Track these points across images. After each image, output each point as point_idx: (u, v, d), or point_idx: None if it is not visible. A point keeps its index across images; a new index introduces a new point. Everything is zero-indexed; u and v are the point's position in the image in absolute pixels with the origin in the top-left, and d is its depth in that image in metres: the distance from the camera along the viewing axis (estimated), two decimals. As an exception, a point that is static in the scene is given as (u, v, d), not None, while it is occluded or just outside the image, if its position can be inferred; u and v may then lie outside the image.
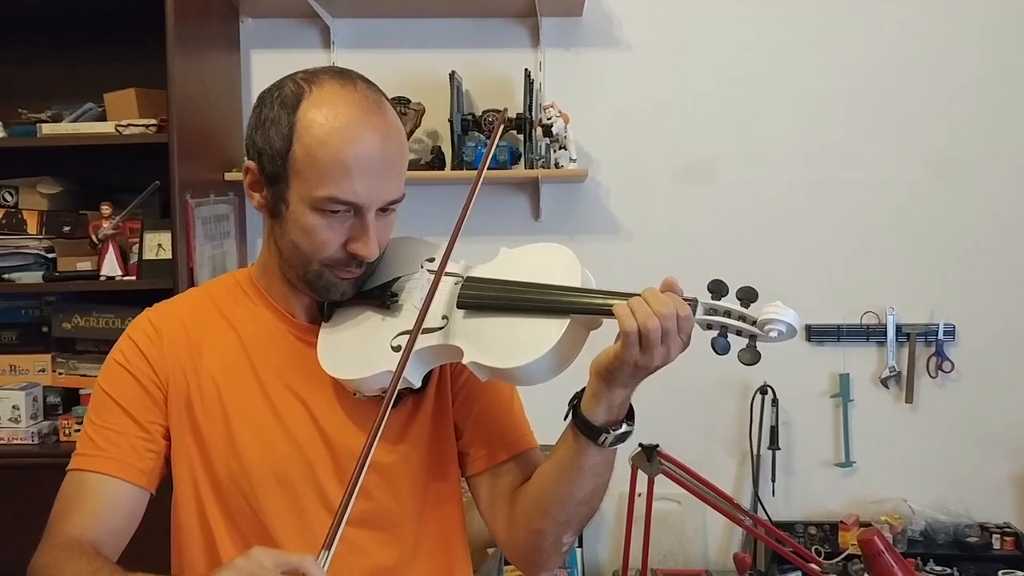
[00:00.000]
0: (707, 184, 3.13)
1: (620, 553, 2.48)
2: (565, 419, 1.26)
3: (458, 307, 1.28)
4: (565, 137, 2.95)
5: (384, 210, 1.29)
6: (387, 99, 1.32)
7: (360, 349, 1.29)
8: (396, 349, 1.26)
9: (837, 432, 3.16)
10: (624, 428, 1.23)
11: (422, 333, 1.25)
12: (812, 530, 3.04)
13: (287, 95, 1.27)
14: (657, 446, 2.24)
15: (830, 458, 3.17)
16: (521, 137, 2.98)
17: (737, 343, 1.18)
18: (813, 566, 2.31)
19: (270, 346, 1.36)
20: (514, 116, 2.97)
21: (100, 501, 1.28)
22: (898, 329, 3.11)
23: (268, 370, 1.34)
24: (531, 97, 2.93)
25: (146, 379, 1.33)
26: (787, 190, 3.12)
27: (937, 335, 3.11)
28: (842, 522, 3.02)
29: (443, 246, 1.35)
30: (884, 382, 3.14)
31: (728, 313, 1.18)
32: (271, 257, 1.36)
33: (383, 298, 1.33)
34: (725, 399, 3.14)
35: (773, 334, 1.15)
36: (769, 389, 3.08)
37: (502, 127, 1.44)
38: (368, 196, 1.24)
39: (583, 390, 1.24)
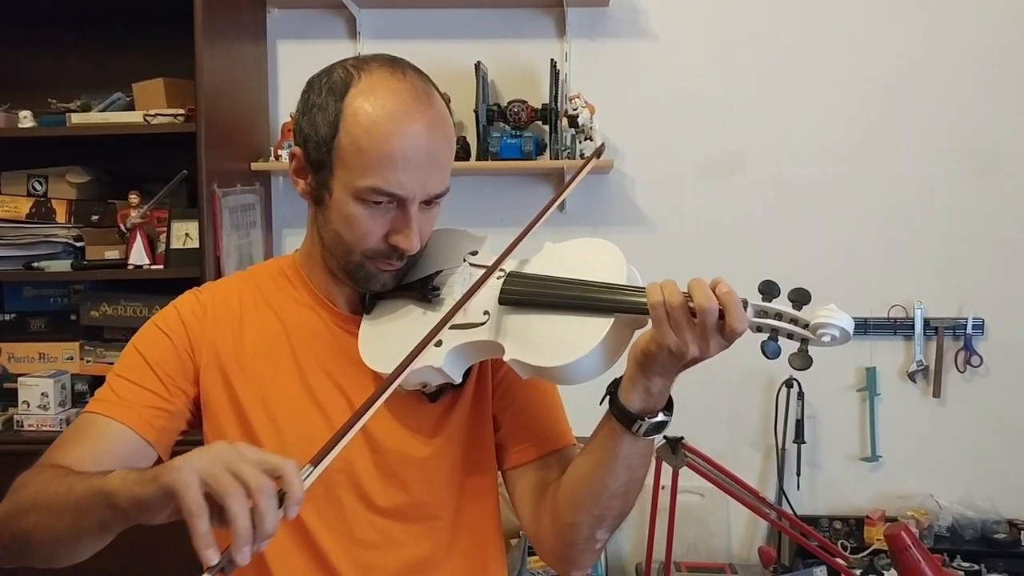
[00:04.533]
0: (734, 176, 3.11)
1: (643, 546, 2.47)
2: (601, 403, 1.24)
3: (500, 303, 1.25)
4: (591, 128, 2.93)
5: (428, 203, 1.27)
6: (437, 89, 1.30)
7: (401, 343, 1.26)
8: (437, 344, 1.24)
9: (863, 426, 3.13)
10: (660, 418, 1.21)
11: (464, 328, 1.23)
12: (837, 524, 3.02)
13: (335, 81, 1.25)
14: (682, 438, 2.24)
15: (856, 452, 3.15)
16: (547, 128, 2.97)
17: (788, 347, 1.13)
18: (839, 560, 2.30)
19: (311, 334, 1.35)
20: (539, 106, 2.96)
21: (104, 441, 1.26)
22: (926, 323, 3.08)
23: (309, 358, 1.33)
24: (557, 88, 2.92)
25: (181, 346, 1.32)
26: (815, 183, 3.09)
27: (966, 329, 3.07)
28: (868, 517, 3.00)
29: (486, 239, 1.35)
30: (911, 376, 3.11)
31: (779, 316, 1.12)
32: (314, 245, 1.35)
33: (424, 291, 1.31)
34: (750, 392, 3.12)
35: (826, 339, 1.10)
36: (795, 382, 3.06)
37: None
38: (412, 188, 1.23)
39: (622, 377, 1.22)
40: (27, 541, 1.13)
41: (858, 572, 2.27)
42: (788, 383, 3.06)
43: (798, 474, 3.09)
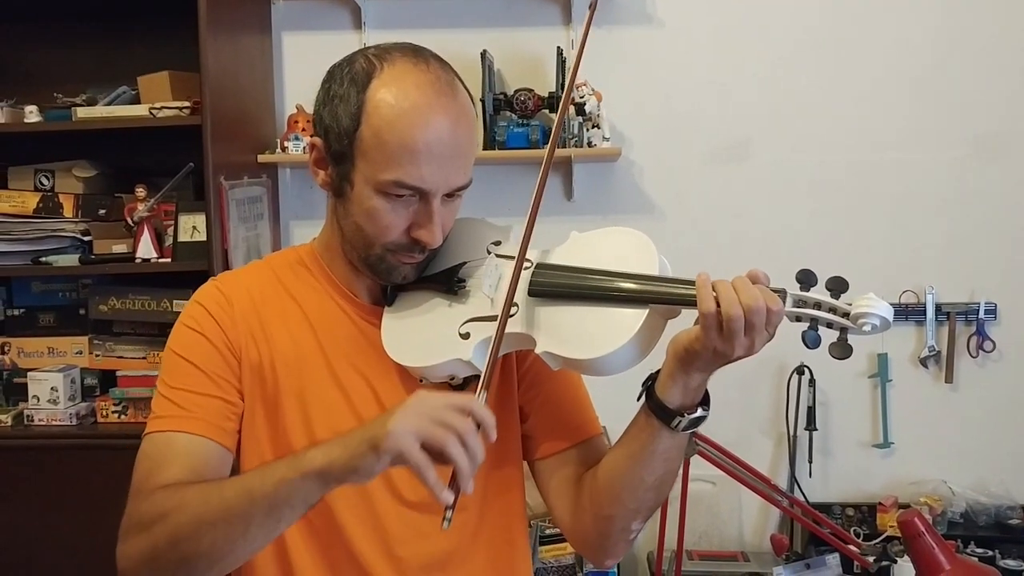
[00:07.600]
0: (742, 163, 3.08)
1: (655, 534, 2.46)
2: (638, 400, 1.23)
3: (530, 295, 1.23)
4: (598, 116, 2.92)
5: (450, 195, 1.26)
6: (460, 79, 1.28)
7: (426, 336, 1.25)
8: (464, 336, 1.23)
9: (875, 413, 3.12)
10: (699, 412, 1.20)
11: (493, 320, 1.21)
12: (850, 511, 3.01)
13: (357, 71, 1.23)
14: (693, 426, 2.22)
15: (868, 439, 3.13)
16: (554, 116, 2.96)
17: (827, 335, 1.13)
18: (852, 548, 2.29)
19: (335, 325, 1.33)
20: (546, 95, 2.95)
21: (193, 458, 1.22)
22: (938, 308, 3.06)
23: (335, 349, 1.32)
24: (563, 75, 2.90)
25: (220, 343, 1.29)
26: (825, 169, 3.07)
27: (978, 314, 3.05)
28: (880, 504, 2.98)
29: (511, 228, 1.34)
30: (923, 362, 3.09)
31: (819, 305, 1.12)
32: (334, 237, 1.33)
33: (449, 284, 1.29)
34: (761, 379, 3.11)
35: (867, 328, 1.09)
36: (806, 369, 3.04)
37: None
38: (435, 182, 1.21)
39: (658, 371, 1.20)
40: (198, 563, 1.13)
41: (871, 559, 2.25)
42: (799, 370, 3.04)
43: (810, 461, 3.08)
